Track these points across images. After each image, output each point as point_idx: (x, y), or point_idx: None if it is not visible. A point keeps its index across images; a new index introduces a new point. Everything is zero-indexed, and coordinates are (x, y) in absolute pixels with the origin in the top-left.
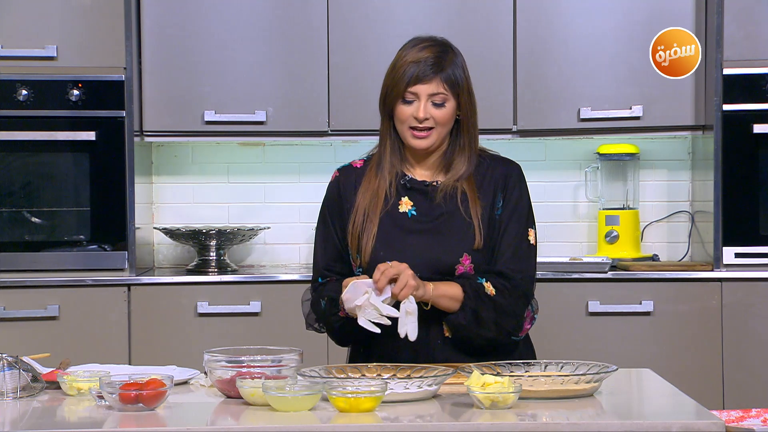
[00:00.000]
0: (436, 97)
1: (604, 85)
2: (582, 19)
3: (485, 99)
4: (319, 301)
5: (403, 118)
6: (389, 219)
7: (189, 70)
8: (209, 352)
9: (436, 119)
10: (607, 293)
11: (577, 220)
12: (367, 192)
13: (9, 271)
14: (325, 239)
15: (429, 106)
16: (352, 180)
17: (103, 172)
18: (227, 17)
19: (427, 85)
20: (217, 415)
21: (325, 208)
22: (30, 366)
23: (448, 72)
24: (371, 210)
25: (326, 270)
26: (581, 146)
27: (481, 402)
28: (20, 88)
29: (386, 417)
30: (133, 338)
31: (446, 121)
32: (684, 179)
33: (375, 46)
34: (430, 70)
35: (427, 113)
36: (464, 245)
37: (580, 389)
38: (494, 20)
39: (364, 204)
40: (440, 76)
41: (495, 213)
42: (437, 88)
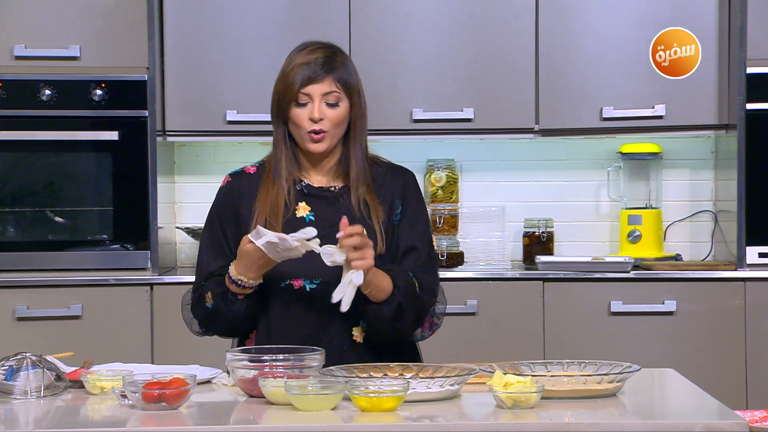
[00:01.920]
0: (330, 96)
1: (627, 85)
2: (604, 18)
3: (507, 99)
4: (202, 299)
5: (298, 121)
6: (288, 225)
7: (211, 69)
8: (232, 352)
9: (330, 119)
10: (629, 293)
11: (599, 220)
12: (267, 201)
13: (32, 271)
14: (213, 243)
15: (323, 107)
16: (245, 186)
17: (125, 172)
18: (249, 17)
19: (320, 84)
20: (240, 415)
21: (214, 214)
22: (53, 365)
23: (340, 72)
24: (272, 218)
25: (211, 275)
26: (603, 146)
27: (504, 402)
28: (44, 88)
29: (408, 416)
30: (155, 337)
31: (341, 120)
32: (707, 178)
33: (395, 46)
34: (321, 70)
35: (322, 113)
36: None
37: (603, 389)
38: (516, 20)
39: (264, 212)
40: (332, 76)
41: (393, 219)
42: (330, 87)
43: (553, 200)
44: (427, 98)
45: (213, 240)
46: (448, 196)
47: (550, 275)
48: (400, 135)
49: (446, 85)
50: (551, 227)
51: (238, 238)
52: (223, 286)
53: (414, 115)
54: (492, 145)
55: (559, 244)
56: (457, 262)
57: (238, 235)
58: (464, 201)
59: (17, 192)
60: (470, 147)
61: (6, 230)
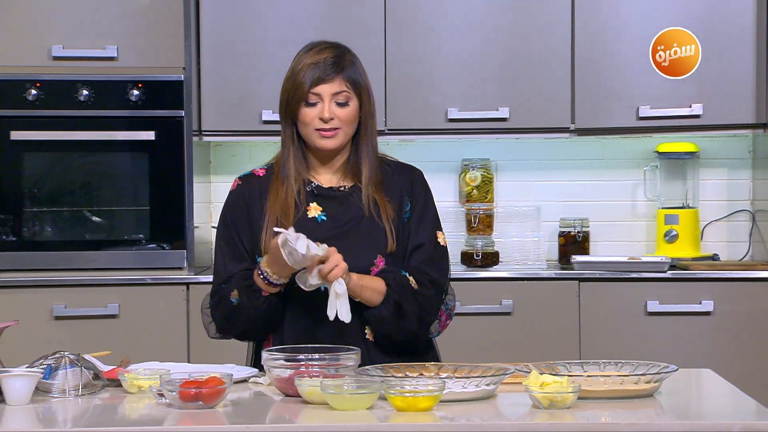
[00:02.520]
0: (339, 96)
1: (663, 84)
2: (640, 17)
3: (542, 98)
4: (228, 304)
5: (307, 120)
6: (301, 225)
7: (247, 70)
8: (268, 351)
9: (340, 119)
10: (666, 293)
11: (636, 220)
12: (276, 201)
13: (70, 270)
14: (229, 247)
15: (333, 106)
16: (255, 188)
17: (162, 172)
18: (285, 17)
19: (330, 84)
20: (276, 414)
21: (227, 216)
22: (91, 364)
23: (349, 71)
24: (283, 218)
25: (230, 278)
26: (640, 145)
27: (540, 402)
28: (81, 89)
29: (444, 416)
30: (191, 336)
31: (351, 119)
32: (745, 178)
33: (430, 46)
34: (331, 70)
35: (332, 113)
36: (377, 248)
37: (640, 389)
38: (552, 18)
39: (275, 213)
40: (341, 75)
41: (402, 217)
42: (340, 86)
43: (589, 200)
44: (462, 98)
45: (229, 243)
46: (483, 195)
47: (586, 275)
48: (435, 134)
49: (481, 84)
50: (587, 227)
51: (252, 240)
52: (249, 279)
53: (449, 115)
54: (527, 144)
55: (595, 244)
56: (492, 262)
57: (252, 237)
58: (499, 200)
59: (55, 192)
60: (505, 146)
61: (44, 230)
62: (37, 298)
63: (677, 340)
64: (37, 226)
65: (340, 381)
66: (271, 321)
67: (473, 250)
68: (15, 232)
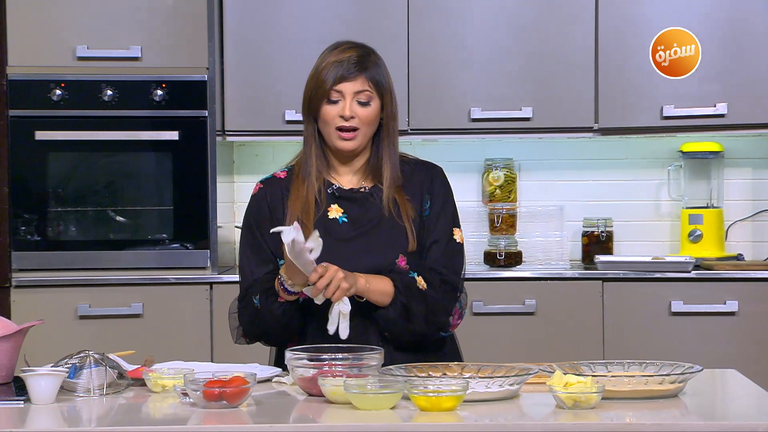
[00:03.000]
0: (361, 95)
1: (688, 83)
2: (665, 17)
3: (566, 97)
4: (250, 302)
5: (328, 118)
6: (321, 226)
7: (270, 70)
8: (292, 350)
9: (361, 118)
10: (690, 293)
11: (660, 219)
12: (297, 200)
13: (94, 269)
14: (255, 250)
15: (354, 105)
16: (278, 191)
17: (185, 172)
18: (308, 17)
19: (352, 83)
20: (300, 413)
21: (251, 220)
22: (116, 363)
23: (372, 71)
24: (304, 217)
25: (256, 281)
26: (664, 144)
27: (564, 402)
28: (105, 89)
29: (467, 416)
30: (214, 336)
31: (371, 120)
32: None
33: (454, 45)
34: (354, 68)
35: (353, 111)
36: (398, 248)
37: (664, 389)
38: (575, 18)
39: (295, 212)
40: (364, 75)
41: (423, 215)
42: (362, 85)
43: (613, 199)
44: (485, 97)
45: (254, 247)
46: (506, 195)
47: (610, 275)
48: (458, 134)
49: (504, 84)
50: (610, 227)
51: (276, 243)
52: (271, 282)
53: (472, 115)
54: (551, 144)
55: (619, 244)
56: (515, 262)
57: (276, 240)
58: (522, 200)
59: (79, 191)
60: (529, 146)
61: (68, 229)
62: (62, 298)
63: (702, 341)
64: (62, 226)
65: (363, 381)
66: (287, 329)
67: (496, 250)
68: (40, 232)
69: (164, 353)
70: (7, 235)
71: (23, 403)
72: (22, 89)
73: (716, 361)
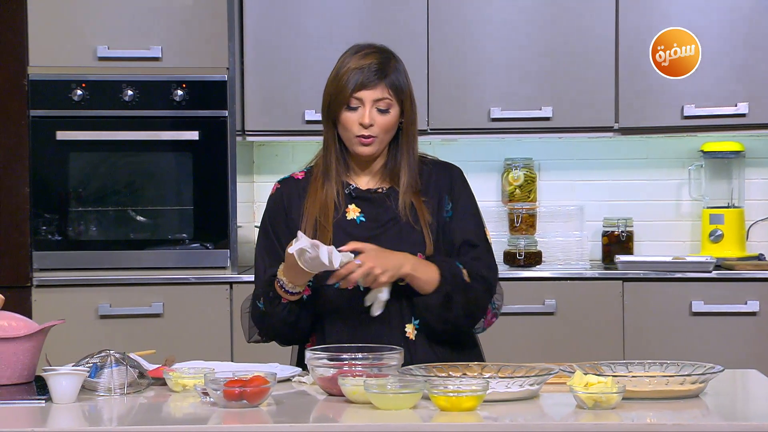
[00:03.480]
0: (381, 102)
1: (709, 82)
2: (686, 15)
3: (586, 97)
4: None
5: (348, 125)
6: (339, 227)
7: (290, 70)
8: (311, 350)
9: (380, 126)
10: (711, 293)
11: (680, 219)
12: (316, 201)
13: (114, 269)
14: (269, 251)
15: (374, 113)
16: (294, 191)
17: (205, 172)
18: (327, 18)
19: (372, 90)
20: (320, 413)
21: (267, 221)
22: (136, 362)
23: (392, 78)
24: (323, 218)
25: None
26: (684, 144)
27: (584, 402)
28: (126, 89)
29: (487, 416)
30: (234, 335)
31: (390, 127)
32: None
33: (473, 45)
34: (375, 76)
35: (372, 119)
36: (415, 249)
37: (685, 390)
38: (595, 17)
39: (314, 213)
40: (385, 82)
41: (444, 216)
42: (382, 93)
43: (633, 199)
44: (504, 97)
45: (269, 248)
46: (526, 195)
47: (630, 275)
48: (478, 134)
49: (524, 83)
50: (631, 226)
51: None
52: (271, 286)
53: (492, 114)
54: (571, 143)
55: (639, 244)
56: (535, 262)
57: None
58: (542, 200)
59: (100, 191)
60: (548, 146)
61: (89, 229)
62: (83, 297)
63: (722, 341)
64: (83, 226)
65: (383, 380)
66: (296, 328)
67: (516, 250)
68: (60, 231)
69: (184, 353)
70: (28, 234)
71: (44, 402)
72: (43, 89)
73: (737, 361)
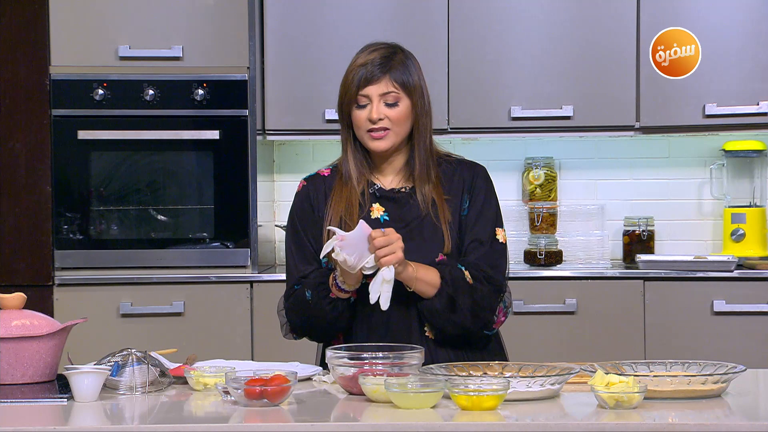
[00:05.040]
0: (388, 96)
1: (731, 81)
2: (708, 14)
3: (607, 96)
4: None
5: (359, 122)
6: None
7: (310, 69)
8: (332, 349)
9: (391, 119)
10: (732, 292)
11: (702, 218)
12: (341, 201)
13: (135, 268)
14: (299, 249)
15: (382, 107)
16: (321, 189)
17: (226, 171)
18: (348, 16)
19: (377, 85)
20: (340, 412)
21: (295, 218)
22: (158, 361)
23: (397, 71)
24: (347, 217)
25: (302, 278)
26: (706, 143)
27: (606, 402)
28: (147, 88)
29: (508, 416)
30: (255, 334)
31: (402, 119)
32: None
33: (494, 44)
34: (378, 71)
35: (381, 113)
36: (439, 248)
37: (707, 390)
38: (616, 16)
39: (339, 212)
40: (389, 75)
41: (461, 214)
42: (387, 87)
43: (654, 198)
44: (525, 96)
45: (298, 245)
46: (547, 194)
47: (651, 274)
48: (499, 133)
49: (545, 82)
50: (652, 225)
51: (320, 240)
52: (324, 277)
53: (512, 113)
54: (592, 142)
55: (660, 243)
56: (555, 261)
57: (320, 237)
58: (563, 199)
59: (121, 191)
60: (569, 145)
61: (110, 228)
62: (104, 296)
63: (744, 340)
64: (104, 225)
65: (404, 379)
66: (334, 325)
67: (536, 249)
68: (82, 230)
69: (205, 351)
70: (50, 233)
71: (66, 400)
72: (65, 89)
73: (759, 360)
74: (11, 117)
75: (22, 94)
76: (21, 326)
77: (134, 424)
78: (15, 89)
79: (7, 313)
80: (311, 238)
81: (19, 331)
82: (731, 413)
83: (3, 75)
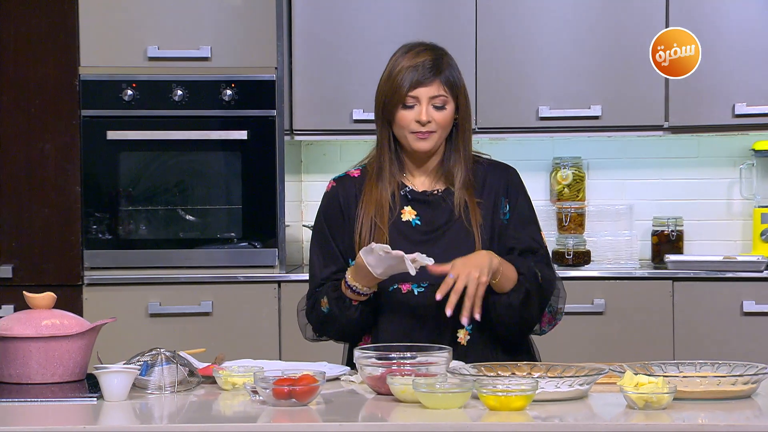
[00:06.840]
0: (437, 99)
1: (761, 80)
2: (737, 12)
3: (635, 95)
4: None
5: (404, 123)
6: (395, 228)
7: (338, 69)
8: (360, 349)
9: (437, 122)
10: (762, 293)
11: (731, 218)
12: (371, 202)
13: (164, 268)
14: (324, 250)
15: (430, 109)
16: (351, 190)
17: (254, 171)
18: (376, 16)
19: (428, 87)
20: (369, 412)
21: (322, 219)
22: (187, 361)
23: (447, 74)
24: (378, 219)
25: (324, 280)
26: (736, 142)
27: (635, 402)
28: (176, 89)
29: (537, 416)
30: (283, 334)
31: (447, 123)
32: None
33: (522, 43)
34: (430, 73)
35: (430, 116)
36: (468, 252)
37: (737, 390)
38: (645, 15)
39: (369, 213)
40: (440, 79)
41: (501, 218)
42: (438, 90)
43: (683, 198)
44: (553, 95)
45: (323, 247)
46: (575, 194)
47: (680, 275)
48: (526, 133)
49: (573, 82)
50: (681, 226)
51: (347, 242)
52: (338, 291)
53: (540, 113)
54: (620, 142)
55: (689, 243)
56: (583, 261)
57: (347, 239)
58: (591, 199)
59: (150, 191)
60: (597, 144)
61: (139, 228)
62: (133, 296)
63: None
64: (133, 225)
65: (432, 380)
66: (363, 327)
67: (564, 249)
68: (111, 230)
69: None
70: (80, 233)
71: (96, 400)
72: (94, 89)
73: None
74: (41, 118)
75: (52, 95)
76: (51, 326)
77: (163, 423)
78: (45, 90)
79: (37, 313)
80: (337, 239)
81: (49, 330)
82: (761, 414)
83: (33, 76)
